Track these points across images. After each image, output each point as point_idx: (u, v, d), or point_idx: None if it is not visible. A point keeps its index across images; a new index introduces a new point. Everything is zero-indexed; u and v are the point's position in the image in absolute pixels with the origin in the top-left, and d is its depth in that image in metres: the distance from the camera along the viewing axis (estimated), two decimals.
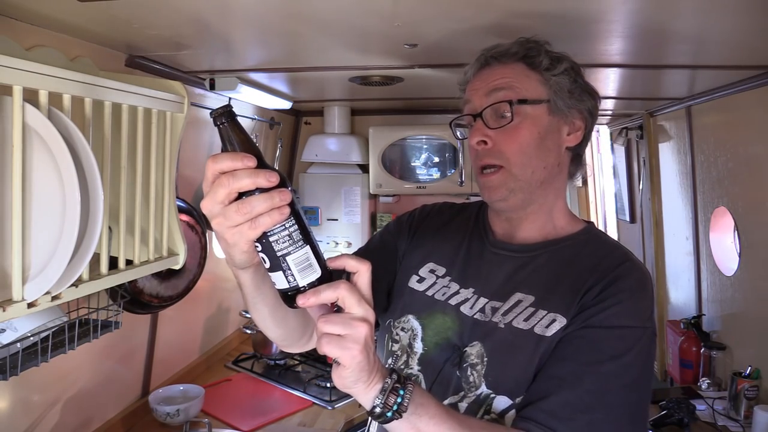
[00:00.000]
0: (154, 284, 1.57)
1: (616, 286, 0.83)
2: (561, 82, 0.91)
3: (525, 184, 0.90)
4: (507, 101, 0.88)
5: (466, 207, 1.09)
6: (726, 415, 1.81)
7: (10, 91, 0.82)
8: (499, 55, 0.92)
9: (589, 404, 0.77)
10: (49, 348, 1.09)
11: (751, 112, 1.83)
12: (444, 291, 0.96)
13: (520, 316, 0.87)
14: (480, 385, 0.86)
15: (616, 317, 0.81)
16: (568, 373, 0.80)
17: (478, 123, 0.90)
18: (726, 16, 1.09)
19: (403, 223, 1.09)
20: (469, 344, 0.89)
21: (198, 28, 1.20)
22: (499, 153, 0.89)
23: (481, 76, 0.93)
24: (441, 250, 1.01)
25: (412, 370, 0.93)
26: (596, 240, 0.94)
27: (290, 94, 2.19)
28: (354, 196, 2.68)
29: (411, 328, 0.96)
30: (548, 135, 0.91)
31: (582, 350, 0.80)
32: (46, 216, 0.87)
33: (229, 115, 0.64)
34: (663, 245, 2.71)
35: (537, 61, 0.91)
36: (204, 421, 1.68)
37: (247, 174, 0.61)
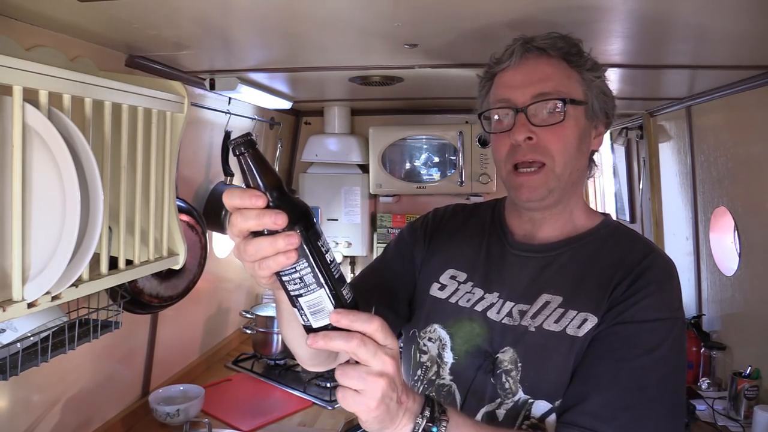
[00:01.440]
0: (154, 284, 1.57)
1: (643, 279, 0.83)
2: (600, 85, 0.90)
3: (563, 184, 0.88)
4: (560, 99, 0.85)
5: (479, 207, 1.07)
6: (726, 415, 1.81)
7: (10, 91, 0.82)
8: (544, 46, 0.88)
9: (629, 401, 0.77)
10: (49, 348, 1.09)
11: (751, 112, 1.83)
12: (468, 297, 0.94)
13: (550, 317, 0.86)
14: (517, 391, 0.85)
15: (647, 311, 0.81)
16: (604, 372, 0.79)
17: (521, 118, 0.86)
18: (726, 16, 1.09)
19: (417, 230, 1.06)
20: (501, 350, 0.87)
21: (198, 28, 1.20)
22: (544, 149, 0.86)
23: (522, 68, 0.88)
24: (460, 255, 0.99)
25: (444, 381, 0.92)
26: (617, 233, 0.93)
27: (290, 94, 2.19)
28: (354, 196, 2.67)
29: (439, 338, 0.94)
30: (584, 138, 0.90)
31: (616, 347, 0.80)
32: (46, 216, 0.87)
33: (248, 144, 0.61)
34: (663, 245, 2.71)
35: (581, 60, 0.89)
36: (204, 421, 1.68)
37: (253, 216, 0.59)
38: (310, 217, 0.63)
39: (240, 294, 2.57)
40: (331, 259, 0.63)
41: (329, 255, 0.63)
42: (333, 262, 0.64)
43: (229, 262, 2.39)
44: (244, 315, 2.28)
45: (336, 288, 0.63)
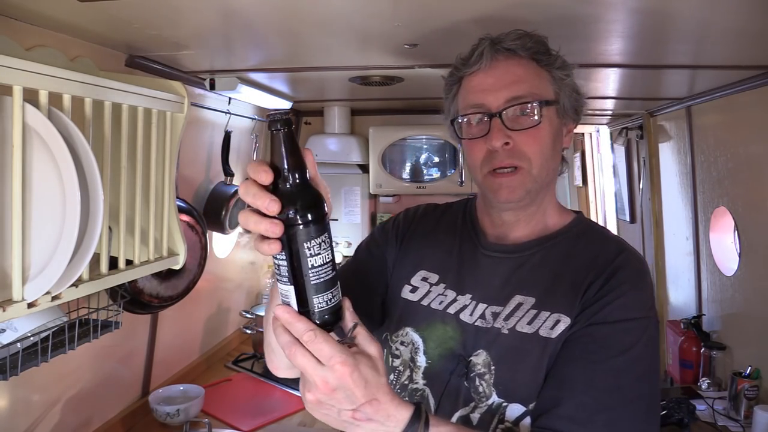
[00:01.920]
0: (154, 284, 1.57)
1: (616, 279, 0.82)
2: (570, 84, 0.89)
3: (539, 186, 0.88)
4: (536, 102, 0.84)
5: (451, 207, 1.05)
6: (726, 415, 1.81)
7: (10, 91, 0.82)
8: (513, 47, 0.86)
9: (605, 403, 0.76)
10: (49, 348, 1.09)
11: (751, 112, 1.83)
12: (441, 299, 0.93)
13: (522, 319, 0.85)
14: (491, 395, 0.84)
15: (620, 311, 0.80)
16: (579, 375, 0.78)
17: (497, 123, 0.85)
18: (726, 16, 1.09)
19: (388, 231, 1.04)
20: (474, 353, 0.86)
21: (198, 27, 1.20)
22: (521, 154, 0.85)
23: (493, 71, 0.86)
24: (432, 257, 0.98)
25: (417, 385, 0.91)
26: (589, 232, 0.93)
27: (290, 94, 2.19)
28: (354, 196, 2.68)
29: (411, 342, 0.92)
30: (557, 137, 0.89)
31: (590, 349, 0.79)
32: (46, 216, 0.87)
33: (284, 123, 0.61)
34: (663, 245, 2.71)
35: (550, 59, 0.88)
36: (204, 421, 1.68)
37: (251, 193, 0.61)
38: (313, 212, 0.62)
39: (240, 294, 2.57)
40: (317, 263, 0.62)
41: (316, 259, 0.62)
42: (318, 267, 0.62)
43: (229, 262, 2.39)
44: (244, 315, 2.28)
45: (305, 292, 0.63)
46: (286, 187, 0.62)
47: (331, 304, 0.64)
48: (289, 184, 0.62)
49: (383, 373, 0.66)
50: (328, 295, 0.64)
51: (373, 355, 0.66)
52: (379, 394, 0.65)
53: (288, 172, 0.62)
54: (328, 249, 0.63)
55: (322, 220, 0.63)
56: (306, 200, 0.62)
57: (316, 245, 0.62)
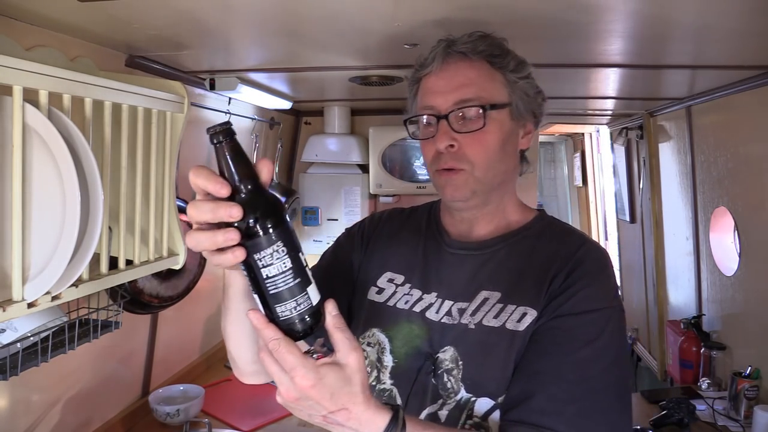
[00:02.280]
0: (154, 284, 1.57)
1: (579, 271, 0.83)
2: (524, 86, 0.89)
3: (486, 187, 0.89)
4: (480, 106, 0.85)
5: (416, 210, 1.07)
6: (726, 415, 1.81)
7: (10, 91, 0.82)
8: (465, 50, 0.87)
9: (574, 394, 0.77)
10: (49, 348, 1.09)
11: (751, 112, 1.83)
12: (407, 299, 0.93)
13: (489, 313, 0.86)
14: (459, 390, 0.84)
15: (585, 302, 0.81)
16: (548, 367, 0.79)
17: (443, 125, 0.86)
18: (726, 16, 1.09)
19: (354, 235, 1.05)
20: (441, 350, 0.87)
21: (198, 28, 1.20)
22: (464, 156, 0.86)
23: (444, 73, 0.87)
24: (397, 258, 0.98)
25: (384, 385, 0.91)
26: (551, 227, 0.94)
27: (290, 94, 2.19)
28: (354, 196, 2.67)
29: (378, 342, 0.93)
30: (509, 139, 0.89)
31: (557, 341, 0.80)
32: (46, 216, 0.87)
33: (225, 134, 0.59)
34: (663, 245, 2.71)
35: (504, 61, 0.88)
36: (204, 421, 1.68)
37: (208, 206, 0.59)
38: (262, 223, 0.60)
39: None
40: (272, 273, 0.61)
41: (270, 269, 0.61)
42: (274, 277, 0.61)
43: None
44: None
45: (267, 301, 0.63)
46: (239, 198, 0.61)
47: (297, 311, 0.63)
48: (242, 194, 0.61)
49: (358, 381, 0.66)
50: (292, 303, 0.63)
51: (347, 365, 0.65)
52: (350, 403, 0.65)
53: (239, 183, 0.60)
54: (284, 257, 0.61)
55: (274, 229, 0.61)
56: (258, 210, 0.60)
57: (267, 255, 0.61)
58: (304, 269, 0.64)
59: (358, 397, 0.66)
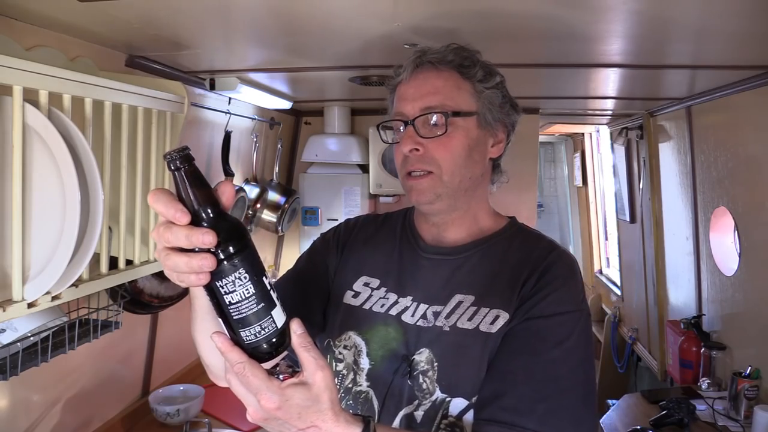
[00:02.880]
0: (154, 284, 1.57)
1: (549, 275, 0.87)
2: (492, 96, 0.92)
3: (452, 191, 0.91)
4: (442, 113, 0.89)
5: (391, 216, 1.09)
6: (726, 415, 1.81)
7: (10, 91, 0.82)
8: (434, 60, 0.91)
9: (544, 393, 0.80)
10: (49, 348, 1.09)
11: (751, 112, 1.83)
12: (382, 302, 0.95)
13: (463, 316, 0.88)
14: (434, 391, 0.86)
15: (554, 305, 0.84)
16: (518, 367, 0.82)
17: (409, 130, 0.90)
18: (726, 16, 1.09)
19: (329, 240, 1.07)
20: (417, 352, 0.89)
21: (198, 28, 1.20)
22: (431, 159, 0.89)
23: (413, 82, 0.92)
24: (372, 262, 1.00)
25: (361, 387, 0.92)
26: (522, 233, 0.97)
27: (290, 94, 2.19)
28: (354, 196, 2.68)
29: (354, 345, 0.95)
30: (476, 147, 0.92)
31: (528, 342, 0.83)
32: (46, 216, 0.87)
33: (184, 159, 0.58)
34: (663, 245, 2.71)
35: (472, 72, 0.91)
36: (204, 421, 1.68)
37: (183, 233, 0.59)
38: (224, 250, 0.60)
39: None
40: (234, 299, 0.61)
41: (233, 296, 0.61)
42: (237, 303, 0.61)
43: None
44: None
45: (231, 325, 0.63)
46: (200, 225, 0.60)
47: (261, 336, 0.63)
48: (203, 221, 0.60)
49: (326, 399, 0.67)
50: (256, 327, 0.63)
51: (314, 384, 0.66)
52: (319, 420, 0.66)
53: (199, 208, 0.60)
54: (246, 283, 0.61)
55: (236, 256, 0.60)
56: (220, 237, 0.59)
57: (230, 283, 0.60)
58: (268, 293, 0.63)
59: (327, 414, 0.67)
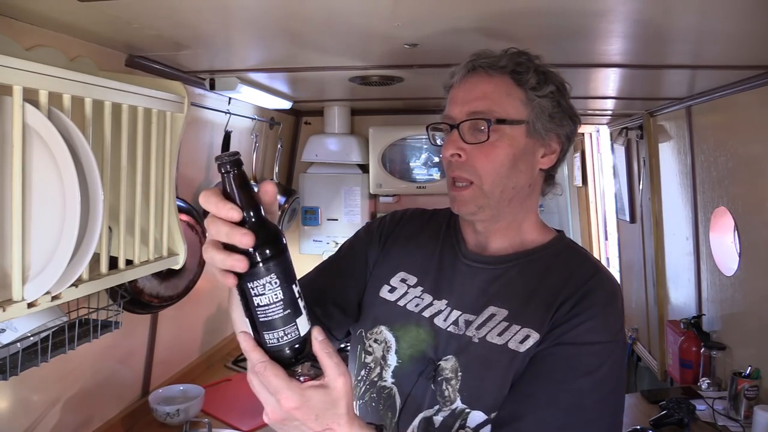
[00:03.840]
0: (154, 284, 1.57)
1: (588, 301, 0.83)
2: (543, 104, 0.89)
3: (494, 202, 0.89)
4: (485, 119, 0.86)
5: (437, 214, 1.07)
6: (726, 415, 1.81)
7: (10, 91, 0.82)
8: (487, 65, 0.89)
9: (565, 422, 0.78)
10: (49, 348, 1.09)
11: (751, 112, 1.83)
12: (417, 302, 0.94)
13: (494, 330, 0.86)
14: (455, 400, 0.85)
15: (588, 334, 0.81)
16: (542, 392, 0.80)
17: (453, 134, 0.89)
18: (726, 17, 1.09)
19: (373, 231, 1.06)
20: (443, 358, 0.88)
21: (198, 28, 1.20)
22: (472, 168, 0.88)
23: (465, 85, 0.91)
24: (412, 259, 0.99)
25: (385, 383, 0.92)
26: (567, 250, 0.94)
27: (290, 94, 2.19)
28: (354, 196, 2.68)
29: (384, 340, 0.94)
30: (523, 156, 0.89)
31: (556, 368, 0.81)
32: (46, 216, 0.87)
33: (234, 164, 0.62)
34: (663, 245, 2.71)
35: (524, 78, 0.89)
36: (204, 421, 1.68)
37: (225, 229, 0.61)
38: (260, 254, 0.62)
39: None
40: (263, 302, 0.63)
41: (261, 299, 0.63)
42: (264, 306, 0.63)
43: None
44: None
45: (256, 326, 0.65)
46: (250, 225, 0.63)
47: (284, 341, 0.65)
48: (244, 223, 0.62)
49: (344, 405, 0.67)
50: (280, 332, 0.65)
51: (334, 389, 0.66)
52: (334, 424, 0.67)
53: (242, 211, 0.62)
54: (276, 289, 0.63)
55: (271, 261, 0.63)
56: (258, 241, 0.62)
57: (260, 286, 0.63)
58: (296, 300, 0.65)
59: (342, 419, 0.67)
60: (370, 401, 0.92)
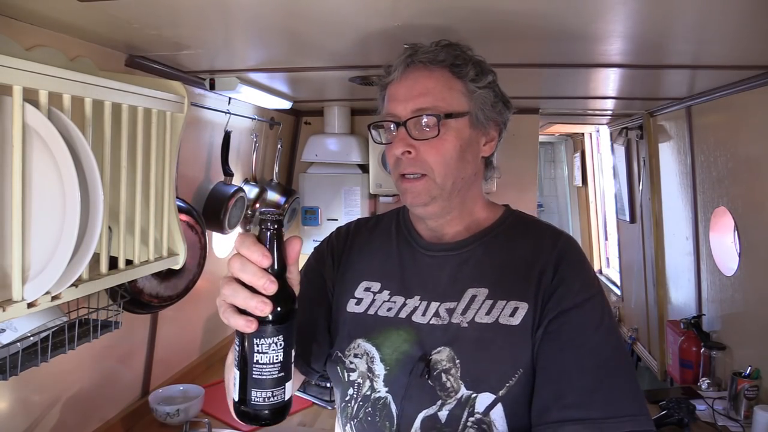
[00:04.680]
0: (154, 284, 1.57)
1: (565, 264, 0.88)
2: (485, 95, 0.91)
3: (446, 193, 0.91)
4: (434, 115, 0.87)
5: (382, 218, 1.08)
6: (726, 415, 1.81)
7: (10, 91, 0.82)
8: (426, 60, 0.89)
9: (600, 379, 0.81)
10: (49, 348, 1.09)
11: (751, 112, 1.83)
12: (389, 306, 0.94)
13: (480, 310, 0.88)
14: (459, 388, 0.85)
15: (582, 292, 0.85)
16: (569, 363, 0.82)
17: (401, 132, 0.88)
18: (726, 17, 1.09)
19: (323, 253, 1.07)
20: (434, 351, 0.88)
21: (198, 28, 1.20)
22: (423, 162, 0.89)
23: (405, 81, 0.90)
24: (371, 267, 1.00)
25: (379, 393, 0.90)
26: (521, 222, 0.98)
27: (290, 94, 2.19)
28: (354, 196, 2.67)
29: (365, 352, 0.93)
30: (468, 147, 0.91)
31: (570, 336, 0.83)
32: (46, 216, 0.87)
33: (277, 223, 0.66)
34: (663, 245, 2.71)
35: (464, 71, 0.90)
36: (204, 421, 1.68)
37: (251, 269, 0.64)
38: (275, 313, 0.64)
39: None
40: (262, 360, 0.65)
41: (263, 356, 0.65)
42: (263, 364, 0.65)
43: None
44: None
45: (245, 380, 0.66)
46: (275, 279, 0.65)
47: (268, 402, 0.66)
48: (277, 276, 0.65)
49: None
50: (268, 392, 0.66)
51: None
52: None
53: (270, 267, 0.65)
54: (279, 350, 0.65)
55: (282, 323, 0.65)
56: (278, 300, 0.64)
57: (265, 344, 0.65)
58: (290, 366, 0.67)
59: None
60: (365, 417, 0.90)
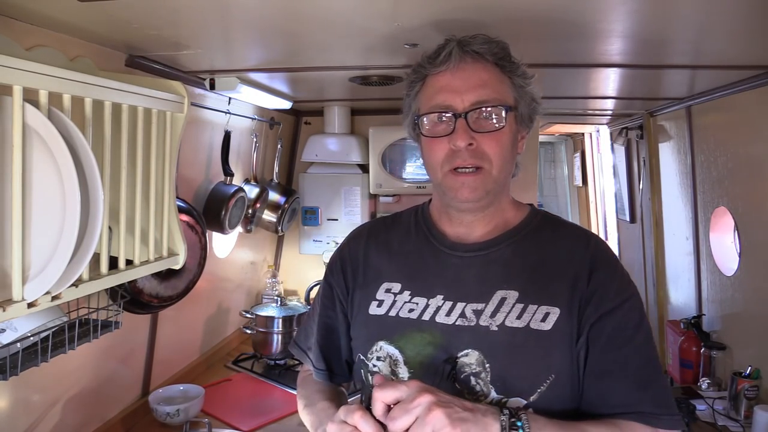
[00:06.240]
0: (154, 284, 1.57)
1: (600, 266, 0.88)
2: (531, 92, 0.92)
3: (499, 186, 0.91)
4: (501, 107, 0.87)
5: (399, 216, 1.06)
6: (726, 415, 1.81)
7: (10, 91, 0.82)
8: (482, 51, 0.88)
9: (644, 377, 0.84)
10: (49, 348, 1.09)
11: (751, 112, 1.83)
12: (410, 308, 0.92)
13: (510, 314, 0.86)
14: (489, 393, 0.84)
15: (619, 294, 0.87)
16: (614, 364, 0.84)
17: (462, 124, 0.86)
18: (726, 17, 1.09)
19: (334, 267, 1.06)
20: (461, 353, 0.86)
21: (198, 28, 1.20)
22: (482, 154, 0.87)
23: (459, 73, 0.88)
24: (390, 268, 0.98)
25: None
26: (548, 223, 0.97)
27: (290, 94, 2.19)
28: (354, 196, 2.67)
29: (387, 355, 0.91)
30: (514, 141, 0.92)
31: (613, 337, 0.85)
32: (46, 216, 0.87)
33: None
34: (663, 245, 2.71)
35: (512, 66, 0.90)
36: (204, 421, 1.68)
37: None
38: None
39: (240, 294, 2.57)
40: None
41: None
42: None
43: (229, 261, 2.39)
44: (244, 315, 2.28)
45: None
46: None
47: None
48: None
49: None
50: None
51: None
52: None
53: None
54: None
55: None
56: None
57: None
58: None
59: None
60: None
